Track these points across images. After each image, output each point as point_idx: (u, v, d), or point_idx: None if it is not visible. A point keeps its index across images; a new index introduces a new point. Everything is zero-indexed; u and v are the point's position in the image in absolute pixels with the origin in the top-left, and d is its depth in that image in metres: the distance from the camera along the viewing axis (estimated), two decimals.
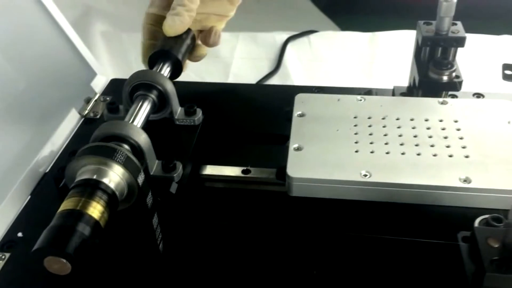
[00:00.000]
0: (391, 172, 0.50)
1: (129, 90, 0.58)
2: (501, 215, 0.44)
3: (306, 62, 1.03)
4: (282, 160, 0.54)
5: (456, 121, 0.56)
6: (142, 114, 0.56)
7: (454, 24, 0.63)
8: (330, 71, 1.00)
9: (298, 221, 0.54)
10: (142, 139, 0.51)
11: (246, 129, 0.68)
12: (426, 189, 0.49)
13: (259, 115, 0.69)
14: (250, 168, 0.59)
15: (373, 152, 0.53)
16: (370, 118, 0.57)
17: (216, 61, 1.00)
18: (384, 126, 0.56)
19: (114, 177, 0.46)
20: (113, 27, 1.15)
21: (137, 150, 0.51)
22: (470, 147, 0.52)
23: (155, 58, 0.62)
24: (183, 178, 0.54)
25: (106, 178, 0.46)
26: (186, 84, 0.69)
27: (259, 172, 0.58)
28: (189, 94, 0.64)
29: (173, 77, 0.63)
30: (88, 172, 0.46)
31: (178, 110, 0.60)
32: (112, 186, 0.46)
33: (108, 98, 0.71)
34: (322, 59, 1.03)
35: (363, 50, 1.05)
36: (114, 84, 0.75)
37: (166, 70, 0.61)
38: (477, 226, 0.42)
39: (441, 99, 0.59)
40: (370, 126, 0.56)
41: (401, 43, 1.04)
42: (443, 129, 0.55)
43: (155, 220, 0.49)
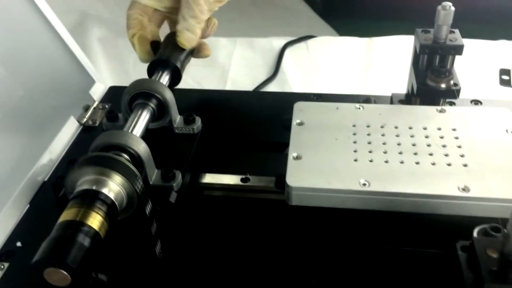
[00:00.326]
0: (390, 181, 0.50)
1: (128, 98, 0.58)
2: (499, 225, 0.44)
3: (304, 67, 1.03)
4: (281, 168, 0.54)
5: (454, 129, 0.56)
6: (142, 123, 0.56)
7: (452, 32, 0.63)
8: (328, 77, 1.00)
9: (297, 230, 0.54)
10: (142, 149, 0.51)
11: (244, 136, 0.68)
12: (425, 198, 0.49)
13: (258, 123, 0.69)
14: (249, 176, 0.59)
15: (372, 160, 0.53)
16: (368, 126, 0.57)
17: (213, 67, 1.00)
18: (382, 135, 0.56)
19: (114, 187, 0.46)
20: (110, 33, 1.15)
21: (136, 159, 0.51)
22: (469, 156, 0.52)
23: (154, 67, 0.62)
24: (182, 187, 0.54)
25: (106, 188, 0.46)
26: (184, 91, 0.69)
27: (258, 180, 0.59)
28: (187, 102, 0.64)
29: (172, 85, 0.63)
30: (87, 182, 0.46)
31: (177, 118, 0.60)
32: (111, 196, 0.46)
33: (106, 106, 0.71)
34: (320, 65, 1.03)
35: (361, 55, 1.06)
36: (112, 91, 0.74)
37: (165, 79, 0.61)
38: (476, 237, 0.43)
39: (439, 107, 0.59)
40: (368, 134, 0.56)
41: (398, 49, 1.05)
42: (442, 137, 0.55)
43: (154, 229, 0.49)
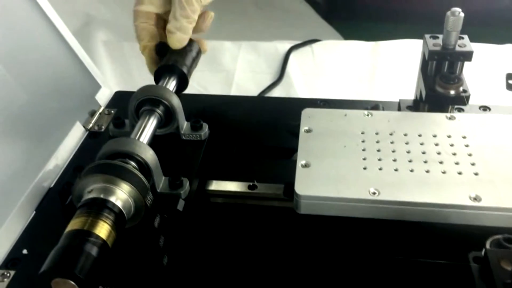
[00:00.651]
0: (400, 190, 0.50)
1: (135, 105, 0.58)
2: None
3: (309, 72, 1.02)
4: (288, 175, 0.54)
5: (464, 137, 0.55)
6: (149, 130, 0.55)
7: (461, 38, 0.62)
8: (333, 82, 0.99)
9: (306, 238, 0.54)
10: (149, 156, 0.51)
11: (251, 143, 0.68)
12: (436, 207, 0.48)
13: (265, 129, 0.69)
14: (256, 183, 0.58)
15: (381, 169, 0.52)
16: (377, 133, 0.56)
17: (218, 71, 1.00)
18: (392, 142, 0.55)
19: (121, 195, 0.46)
20: (114, 36, 1.15)
21: (144, 167, 0.50)
22: (479, 164, 0.52)
23: (161, 72, 0.62)
24: (190, 194, 0.53)
25: (113, 196, 0.46)
26: (191, 96, 0.69)
27: (266, 187, 0.58)
28: (194, 107, 0.64)
29: (179, 91, 0.62)
30: (95, 191, 0.46)
31: (184, 125, 0.60)
32: (119, 204, 0.46)
33: (112, 111, 0.70)
34: (325, 69, 1.03)
35: (366, 59, 1.05)
36: (118, 96, 0.74)
37: (172, 84, 0.61)
38: (489, 248, 0.42)
39: (448, 114, 0.59)
40: (377, 142, 0.55)
41: (403, 53, 1.04)
42: (452, 145, 0.54)
43: (162, 241, 0.49)
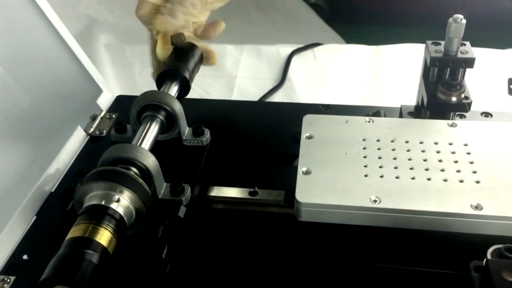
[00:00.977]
0: (401, 197, 0.49)
1: (137, 110, 0.57)
2: None
3: (311, 76, 1.02)
4: (289, 180, 0.54)
5: (466, 144, 0.55)
6: (150, 136, 0.55)
7: (463, 44, 0.62)
8: (335, 86, 0.99)
9: (306, 245, 0.54)
10: (151, 162, 0.51)
11: (253, 148, 0.67)
12: (437, 215, 0.48)
13: (266, 134, 0.69)
14: (257, 189, 0.58)
15: (382, 176, 0.52)
16: (379, 140, 0.56)
17: (220, 75, 1.00)
18: (393, 149, 0.55)
19: (123, 202, 0.46)
20: (116, 39, 1.15)
21: (145, 173, 0.50)
22: (481, 172, 0.52)
23: (163, 77, 0.62)
24: (191, 200, 0.53)
25: (114, 203, 0.46)
26: (192, 101, 0.69)
27: (267, 194, 0.58)
28: (195, 113, 0.64)
29: (181, 96, 0.62)
30: (96, 197, 0.46)
31: (186, 130, 0.60)
32: (120, 211, 0.46)
33: (113, 116, 0.70)
34: (327, 74, 1.03)
35: (368, 64, 1.05)
36: (119, 100, 0.74)
37: (173, 90, 0.61)
38: (490, 259, 0.42)
39: (450, 122, 0.58)
40: (379, 149, 0.55)
41: (405, 57, 1.05)
42: (453, 152, 0.54)
43: (165, 252, 0.49)
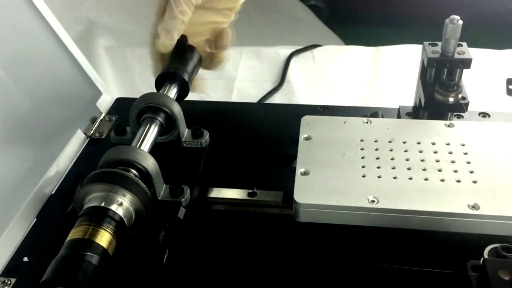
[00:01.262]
0: (399, 198, 0.50)
1: (136, 113, 0.58)
2: (510, 245, 0.44)
3: (310, 77, 1.03)
4: (288, 181, 0.54)
5: (463, 144, 0.55)
6: (150, 138, 0.56)
7: (460, 45, 0.62)
8: (334, 87, 1.00)
9: (305, 245, 0.54)
10: (150, 164, 0.51)
11: (252, 149, 0.68)
12: (434, 215, 0.48)
13: (265, 136, 0.69)
14: (256, 190, 0.59)
15: (380, 177, 0.52)
16: (376, 141, 0.57)
17: (220, 76, 1.00)
18: (391, 150, 0.55)
19: (122, 203, 0.46)
20: (116, 42, 1.15)
21: (145, 175, 0.51)
22: (478, 172, 0.52)
23: (162, 79, 0.62)
24: (191, 202, 0.53)
25: (114, 205, 0.46)
26: (191, 103, 0.69)
27: (266, 195, 0.58)
28: (194, 114, 0.64)
29: (180, 98, 0.63)
30: (96, 199, 0.46)
31: (185, 132, 0.60)
32: (120, 213, 0.46)
33: (113, 118, 0.71)
34: (326, 75, 1.03)
35: (367, 65, 1.05)
36: (119, 103, 0.74)
37: (173, 92, 0.61)
38: (487, 258, 0.42)
39: (447, 122, 0.59)
40: (376, 149, 0.56)
41: (403, 58, 1.05)
42: (450, 153, 0.54)
43: (166, 257, 0.49)
